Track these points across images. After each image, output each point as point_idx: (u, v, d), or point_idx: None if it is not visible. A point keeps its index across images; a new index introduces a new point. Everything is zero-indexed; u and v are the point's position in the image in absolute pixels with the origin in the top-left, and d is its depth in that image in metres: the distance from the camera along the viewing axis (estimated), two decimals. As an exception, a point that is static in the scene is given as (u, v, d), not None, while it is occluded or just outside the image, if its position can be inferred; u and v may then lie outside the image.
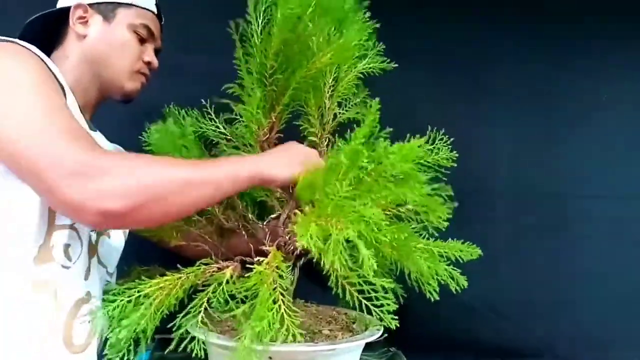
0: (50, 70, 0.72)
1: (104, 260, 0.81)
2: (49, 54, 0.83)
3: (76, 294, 0.72)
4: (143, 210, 0.60)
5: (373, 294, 0.67)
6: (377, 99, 0.54)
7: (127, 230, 0.88)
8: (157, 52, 0.90)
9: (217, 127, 0.87)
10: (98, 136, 0.84)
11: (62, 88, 0.73)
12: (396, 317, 0.67)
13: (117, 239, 0.84)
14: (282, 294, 0.65)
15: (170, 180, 0.63)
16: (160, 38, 0.91)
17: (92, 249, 0.77)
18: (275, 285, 0.65)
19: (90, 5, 0.83)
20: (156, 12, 0.89)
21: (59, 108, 0.66)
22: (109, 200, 0.58)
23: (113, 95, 0.86)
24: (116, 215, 0.59)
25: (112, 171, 0.60)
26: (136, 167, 0.62)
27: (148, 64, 0.87)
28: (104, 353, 0.64)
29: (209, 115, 0.88)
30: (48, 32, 0.84)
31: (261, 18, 0.74)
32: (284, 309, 0.63)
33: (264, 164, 0.72)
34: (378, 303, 0.67)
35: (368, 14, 0.79)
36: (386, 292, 0.68)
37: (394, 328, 0.68)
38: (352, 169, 0.56)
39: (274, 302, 0.63)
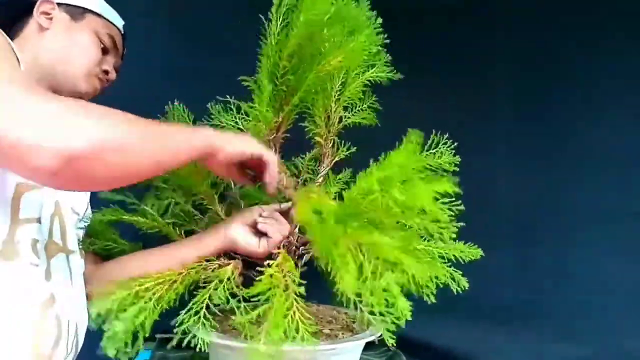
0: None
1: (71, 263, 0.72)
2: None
3: (42, 295, 0.64)
4: (104, 154, 0.50)
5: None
6: (417, 132, 0.51)
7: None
8: (116, 70, 0.85)
9: (237, 122, 0.83)
10: None
11: None
12: (394, 338, 0.63)
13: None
14: (295, 300, 0.59)
15: (130, 128, 0.54)
16: (121, 57, 0.86)
17: (54, 248, 0.68)
18: (287, 291, 0.60)
19: (59, 4, 0.78)
20: (122, 33, 0.85)
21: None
22: (62, 138, 0.48)
23: (63, 94, 0.76)
24: (77, 156, 0.48)
25: (65, 112, 0.50)
26: (93, 110, 0.53)
27: (106, 73, 0.82)
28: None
29: (231, 112, 0.84)
30: (10, 20, 0.77)
31: (280, 19, 0.71)
32: (299, 316, 0.58)
33: (218, 136, 0.64)
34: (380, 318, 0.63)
35: (379, 21, 0.78)
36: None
37: (393, 337, 0.64)
38: (379, 195, 0.52)
39: (288, 308, 0.58)
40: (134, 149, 0.54)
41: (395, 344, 0.62)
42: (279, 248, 0.73)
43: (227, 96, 0.81)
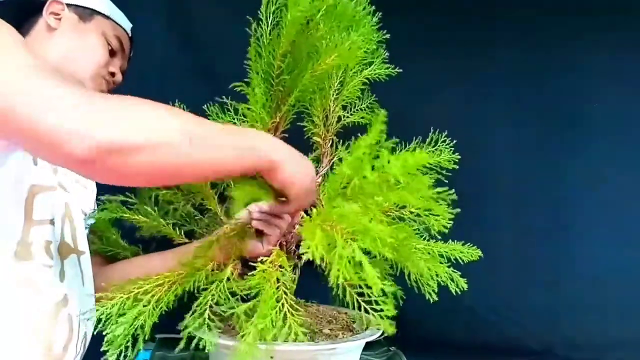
0: None
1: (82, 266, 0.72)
2: None
3: (56, 296, 0.64)
4: (139, 152, 0.47)
5: (373, 297, 0.62)
6: (384, 112, 0.48)
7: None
8: (123, 73, 0.85)
9: (235, 124, 0.82)
10: None
11: None
12: (394, 323, 0.62)
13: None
14: (285, 293, 0.60)
15: (175, 127, 0.49)
16: (128, 61, 0.86)
17: (66, 249, 0.69)
18: (278, 284, 0.60)
19: (68, 5, 0.78)
20: (130, 36, 0.85)
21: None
22: (104, 129, 0.45)
23: None
24: (111, 149, 0.45)
25: (105, 103, 0.48)
26: (133, 104, 0.49)
27: (112, 74, 0.82)
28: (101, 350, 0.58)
29: (229, 112, 0.83)
30: (19, 19, 0.76)
31: (271, 18, 0.70)
32: (287, 308, 0.58)
33: (276, 152, 0.57)
34: (378, 307, 0.62)
35: (375, 19, 0.76)
36: (386, 296, 0.63)
37: (392, 333, 0.63)
38: (355, 178, 0.52)
39: (277, 300, 0.58)
40: (176, 150, 0.48)
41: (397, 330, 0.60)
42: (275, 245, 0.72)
43: (229, 96, 0.80)
